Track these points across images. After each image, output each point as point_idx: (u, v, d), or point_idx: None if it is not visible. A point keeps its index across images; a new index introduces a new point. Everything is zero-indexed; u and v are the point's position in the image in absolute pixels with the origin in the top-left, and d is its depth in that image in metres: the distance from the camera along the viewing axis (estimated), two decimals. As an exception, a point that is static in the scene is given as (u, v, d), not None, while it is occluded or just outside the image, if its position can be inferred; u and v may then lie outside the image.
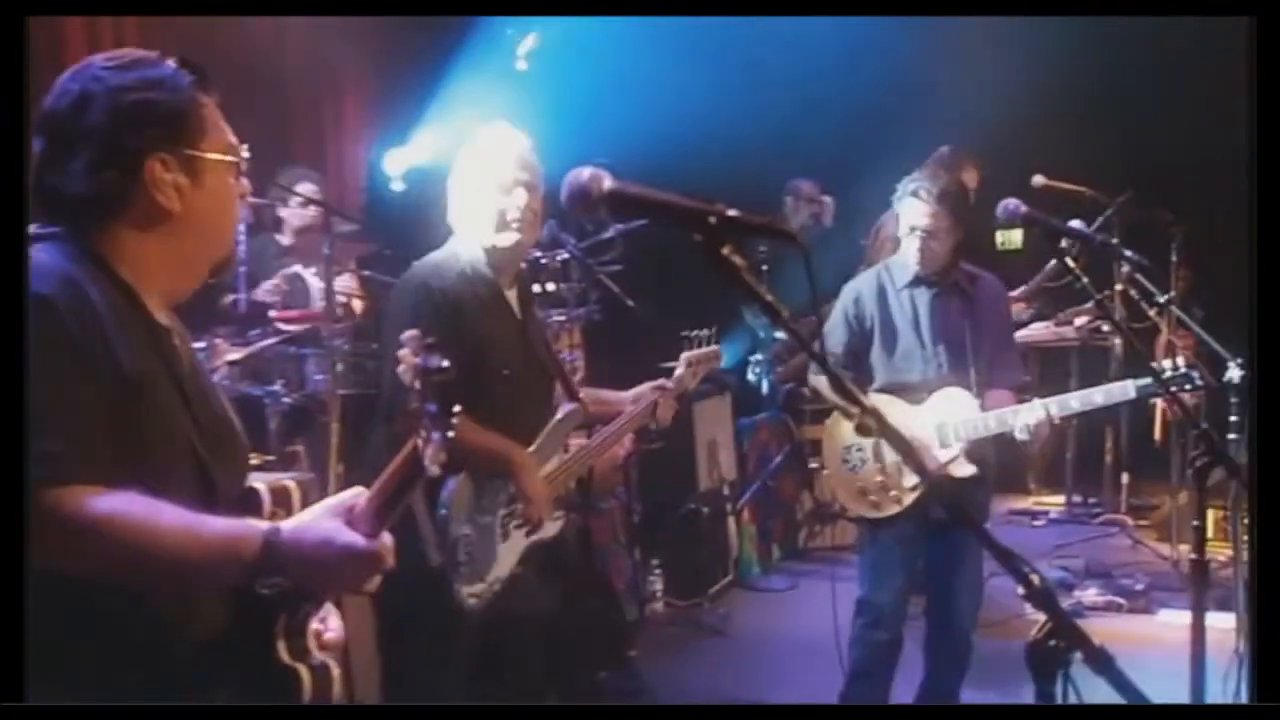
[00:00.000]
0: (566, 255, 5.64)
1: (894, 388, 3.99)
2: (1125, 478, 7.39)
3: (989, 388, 4.03)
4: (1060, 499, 7.80)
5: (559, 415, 3.22)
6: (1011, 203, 3.39)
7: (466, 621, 3.01)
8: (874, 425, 1.82)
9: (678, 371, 3.58)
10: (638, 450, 5.66)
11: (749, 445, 6.68)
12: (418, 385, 1.60)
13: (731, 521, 6.16)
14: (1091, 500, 7.71)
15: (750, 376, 7.09)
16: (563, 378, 3.33)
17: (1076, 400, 3.89)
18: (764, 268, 6.83)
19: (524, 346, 3.23)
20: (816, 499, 6.75)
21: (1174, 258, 6.05)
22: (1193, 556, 3.11)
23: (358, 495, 1.72)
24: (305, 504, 1.79)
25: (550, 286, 5.60)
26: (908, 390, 3.99)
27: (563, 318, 5.74)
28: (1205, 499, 3.10)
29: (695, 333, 3.66)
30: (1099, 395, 3.88)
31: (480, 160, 3.15)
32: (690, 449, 6.02)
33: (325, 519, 1.69)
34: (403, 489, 1.67)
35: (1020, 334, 6.97)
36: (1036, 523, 7.51)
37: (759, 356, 7.17)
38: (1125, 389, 3.83)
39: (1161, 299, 4.90)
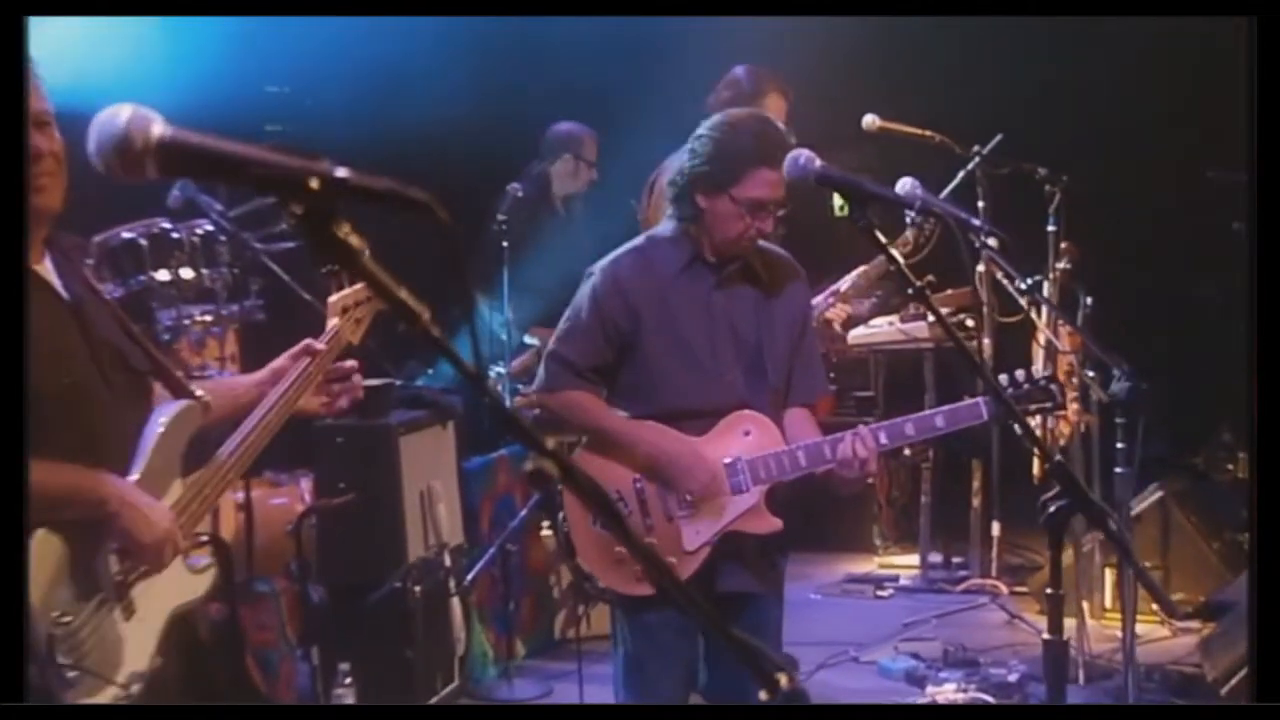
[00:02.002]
0: (210, 227, 5.60)
1: (666, 412, 4.12)
2: (997, 529, 7.75)
3: (786, 406, 4.23)
4: (913, 560, 8.16)
5: (160, 420, 3.19)
6: (802, 155, 3.64)
7: None
8: (553, 473, 1.88)
9: (330, 324, 3.56)
10: (317, 507, 5.64)
11: (482, 495, 6.75)
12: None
13: (456, 604, 6.17)
14: (955, 560, 8.11)
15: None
16: (160, 369, 3.30)
17: (912, 425, 4.08)
18: (504, 245, 6.93)
19: (84, 338, 3.15)
20: (579, 568, 6.80)
21: (1051, 226, 6.45)
22: (1046, 636, 3.38)
23: None
24: None
25: (186, 273, 5.55)
26: (684, 415, 4.12)
27: (208, 318, 5.67)
28: (1060, 555, 3.37)
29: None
30: (940, 418, 4.09)
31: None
32: (395, 502, 6.01)
33: None
34: None
35: (858, 333, 7.42)
36: (882, 593, 7.85)
37: (500, 368, 7.28)
38: (976, 409, 4.04)
39: (1025, 284, 5.37)
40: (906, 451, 7.47)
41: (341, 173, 1.77)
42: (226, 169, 1.76)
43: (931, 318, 7.11)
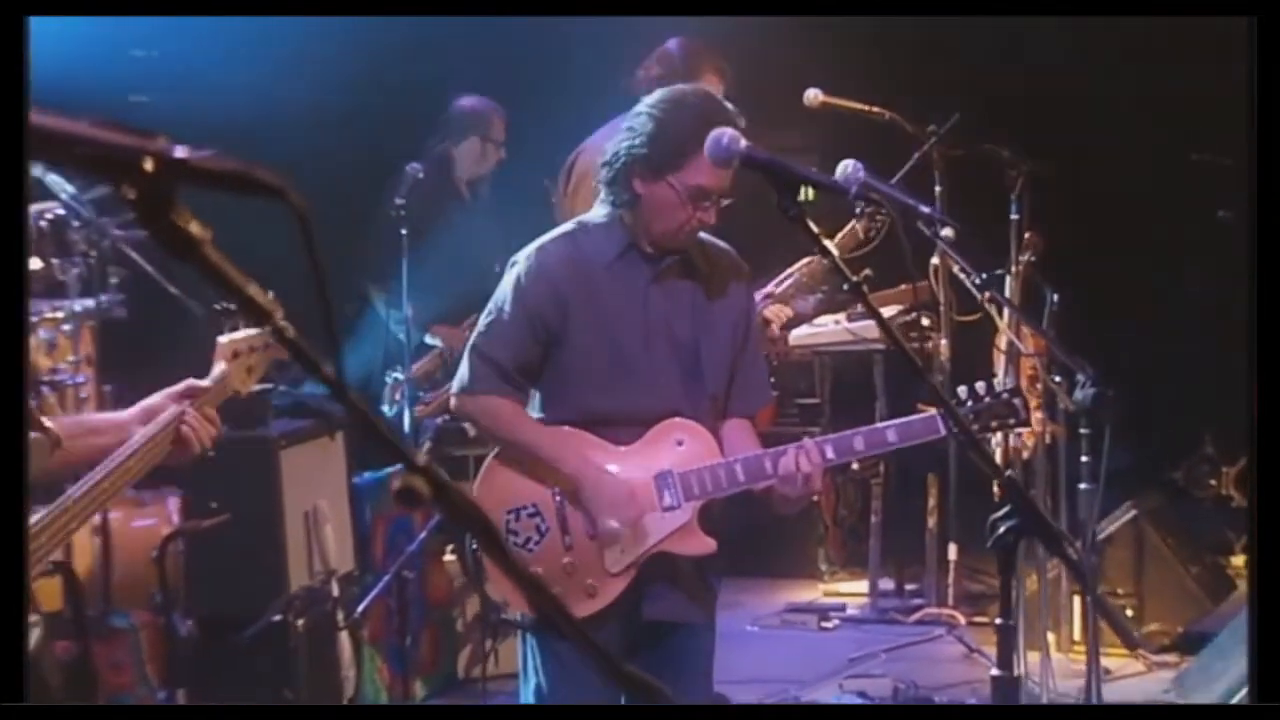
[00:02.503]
0: (62, 211, 5.54)
1: (591, 416, 4.15)
2: (954, 552, 7.75)
3: (726, 415, 4.26)
4: (862, 587, 8.16)
5: None
6: (725, 134, 3.63)
7: None
8: (424, 492, 1.85)
9: (217, 368, 3.59)
10: (184, 529, 5.58)
11: (375, 515, 6.72)
12: None
13: (345, 639, 6.12)
14: (908, 587, 8.11)
15: (386, 406, 7.13)
16: None
17: (861, 440, 4.09)
18: (403, 232, 6.89)
19: None
20: (491, 596, 6.77)
21: (1014, 214, 6.47)
22: (995, 672, 3.43)
23: None
24: None
25: (33, 264, 5.53)
26: (612, 421, 4.15)
27: (59, 314, 5.63)
28: (1010, 581, 3.39)
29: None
30: (893, 433, 4.10)
31: None
32: (274, 524, 5.96)
33: None
34: None
35: (800, 333, 7.43)
36: (827, 624, 7.85)
37: (398, 373, 7.22)
38: (932, 423, 4.06)
39: (981, 279, 5.38)
40: (855, 465, 7.43)
41: (180, 152, 1.68)
42: (49, 148, 1.67)
43: (907, 313, 7.33)
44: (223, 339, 3.58)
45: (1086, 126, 8.29)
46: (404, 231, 6.87)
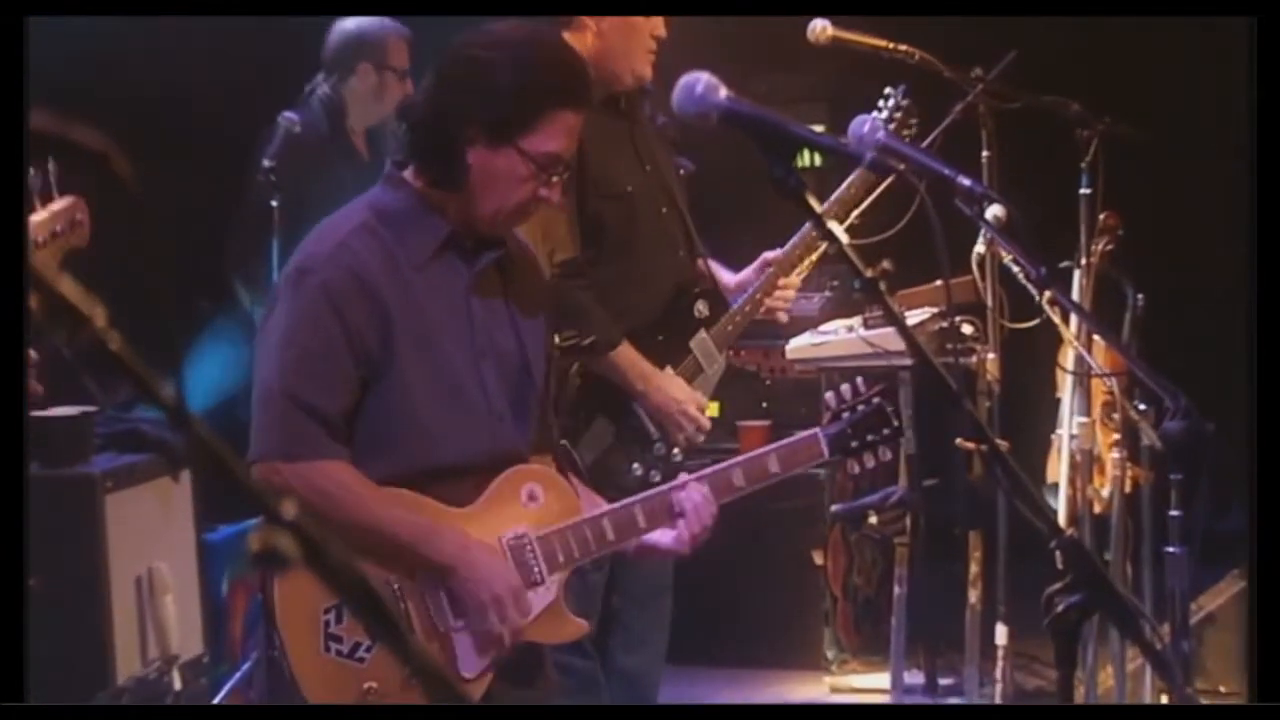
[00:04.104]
0: None
1: (420, 472, 4.21)
2: (1003, 635, 7.57)
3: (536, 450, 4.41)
4: (882, 681, 8.05)
5: None
6: (700, 81, 3.61)
7: None
8: (291, 554, 1.91)
9: None
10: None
11: (231, 582, 6.91)
12: None
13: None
14: (943, 682, 8.09)
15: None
16: None
17: (740, 472, 4.36)
18: (273, 205, 6.99)
19: None
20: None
21: (1084, 188, 6.52)
22: None
23: None
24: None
25: None
26: (444, 475, 4.23)
27: None
28: (1072, 673, 3.41)
29: None
30: (774, 460, 4.38)
31: None
32: (96, 592, 6.00)
33: None
34: None
35: (802, 345, 7.49)
36: (837, 731, 7.82)
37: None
38: (813, 443, 4.41)
39: (1037, 274, 5.38)
40: (873, 520, 7.42)
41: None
42: None
43: (945, 318, 7.06)
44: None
45: (1184, 75, 8.36)
46: (274, 203, 6.90)
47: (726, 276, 6.03)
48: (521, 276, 4.41)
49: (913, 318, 7.30)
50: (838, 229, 3.43)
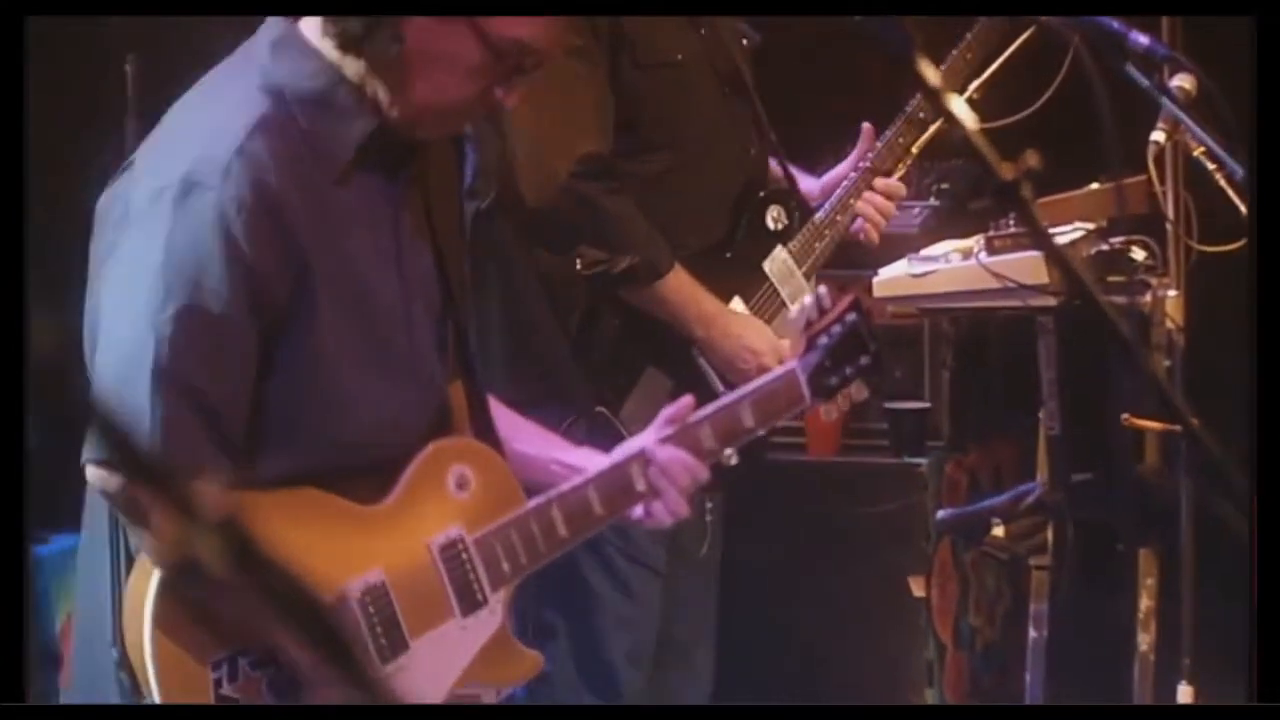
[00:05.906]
0: None
1: (331, 460, 3.86)
2: (1187, 694, 6.71)
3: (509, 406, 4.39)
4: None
5: None
6: None
7: None
8: (223, 559, 1.85)
9: None
10: None
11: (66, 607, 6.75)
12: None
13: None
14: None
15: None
16: None
17: (709, 428, 4.23)
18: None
19: None
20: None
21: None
22: None
23: None
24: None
25: None
26: (355, 462, 3.91)
27: None
28: None
29: None
30: (748, 412, 4.27)
31: None
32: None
33: None
34: None
35: (893, 276, 6.75)
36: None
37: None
38: (793, 381, 4.30)
39: (1240, 172, 5.22)
40: (998, 532, 6.58)
41: None
42: None
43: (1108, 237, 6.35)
44: None
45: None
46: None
47: (808, 182, 5.71)
48: (441, 187, 4.11)
49: (1057, 238, 6.31)
50: (960, 104, 2.84)
